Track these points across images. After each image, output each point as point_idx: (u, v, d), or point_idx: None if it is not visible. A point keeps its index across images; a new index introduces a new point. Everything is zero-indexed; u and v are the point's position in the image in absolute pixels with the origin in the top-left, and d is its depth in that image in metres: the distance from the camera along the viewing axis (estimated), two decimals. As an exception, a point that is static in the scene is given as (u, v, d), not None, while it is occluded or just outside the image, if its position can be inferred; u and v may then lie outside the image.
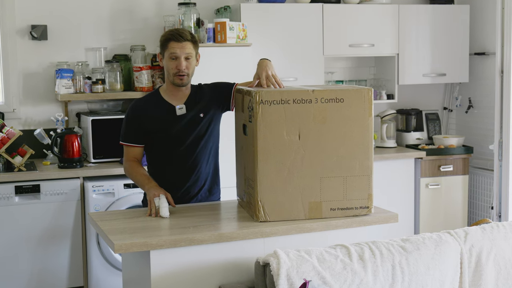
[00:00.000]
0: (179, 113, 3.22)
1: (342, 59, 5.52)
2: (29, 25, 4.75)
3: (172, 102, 3.24)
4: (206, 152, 3.29)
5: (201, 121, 3.25)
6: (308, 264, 2.55)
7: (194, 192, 3.30)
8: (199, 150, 3.26)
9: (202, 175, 3.30)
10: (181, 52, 3.13)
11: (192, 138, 3.24)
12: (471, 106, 5.64)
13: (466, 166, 5.34)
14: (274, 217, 2.87)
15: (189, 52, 3.15)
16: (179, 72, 3.14)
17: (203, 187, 3.32)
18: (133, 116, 3.26)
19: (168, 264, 2.68)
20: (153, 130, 3.23)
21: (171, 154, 3.25)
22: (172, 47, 3.13)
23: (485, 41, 5.47)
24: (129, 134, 3.27)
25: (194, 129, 3.24)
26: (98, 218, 3.03)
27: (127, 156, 3.29)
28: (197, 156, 3.26)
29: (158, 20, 4.96)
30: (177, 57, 3.13)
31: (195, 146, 3.25)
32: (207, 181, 3.33)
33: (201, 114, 3.25)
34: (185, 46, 3.13)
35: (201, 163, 3.28)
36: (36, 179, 4.26)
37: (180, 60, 3.13)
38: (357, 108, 2.88)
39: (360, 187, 2.92)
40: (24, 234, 4.24)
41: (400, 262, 2.68)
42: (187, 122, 3.23)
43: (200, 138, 3.26)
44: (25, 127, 4.78)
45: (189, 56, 3.15)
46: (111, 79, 4.72)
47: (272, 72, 3.08)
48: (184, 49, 3.13)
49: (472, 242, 2.83)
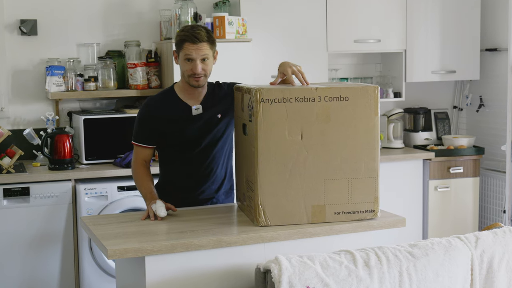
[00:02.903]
0: (195, 113, 3.20)
1: (347, 55, 5.52)
2: (18, 20, 4.75)
3: (187, 101, 3.22)
4: (222, 154, 3.29)
5: (218, 122, 3.24)
6: (311, 271, 2.55)
7: (211, 195, 3.31)
8: (215, 153, 3.26)
9: (218, 177, 3.31)
10: (196, 55, 3.08)
11: (209, 139, 3.23)
12: (482, 104, 5.64)
13: (477, 167, 5.34)
14: (276, 221, 2.87)
15: (205, 53, 3.10)
16: (195, 75, 3.12)
17: (220, 190, 3.33)
18: (148, 115, 3.23)
19: (164, 270, 2.68)
20: (168, 131, 3.21)
21: (186, 156, 3.25)
22: (188, 49, 3.08)
23: (497, 36, 5.48)
24: (141, 134, 3.26)
25: (211, 131, 3.23)
26: (91, 222, 3.03)
27: (137, 157, 3.28)
28: (214, 159, 3.26)
29: (154, 14, 4.96)
30: (192, 60, 3.10)
31: (212, 148, 3.24)
32: (223, 183, 3.34)
33: (218, 115, 3.23)
34: (201, 47, 3.08)
35: (217, 166, 3.28)
36: (26, 181, 4.26)
37: (195, 63, 3.09)
38: (363, 107, 2.88)
39: (366, 189, 2.92)
40: (13, 239, 4.24)
41: (407, 268, 2.68)
42: (203, 123, 3.21)
43: (217, 140, 3.25)
44: (14, 126, 4.79)
45: (205, 58, 3.10)
46: (104, 77, 4.73)
47: (298, 69, 3.04)
48: (200, 51, 3.08)
49: (483, 247, 2.83)
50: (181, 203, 3.18)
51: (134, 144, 3.28)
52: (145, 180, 3.23)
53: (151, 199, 3.10)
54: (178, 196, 3.22)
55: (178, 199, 3.19)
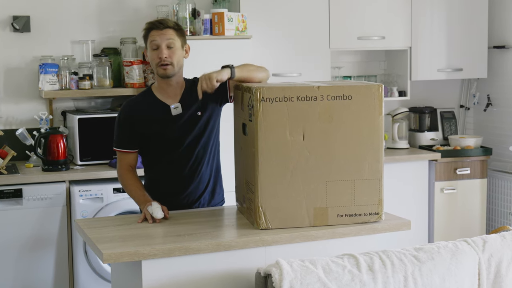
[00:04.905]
0: (175, 113, 3.21)
1: (350, 52, 5.52)
2: (11, 16, 4.76)
3: (165, 100, 3.24)
4: (206, 152, 3.30)
5: (199, 119, 3.25)
6: (313, 275, 2.55)
7: (196, 196, 3.31)
8: (198, 151, 3.26)
9: (204, 177, 3.31)
10: (161, 40, 3.15)
11: (191, 138, 3.24)
12: (490, 104, 5.65)
13: (485, 168, 5.34)
14: (276, 224, 2.88)
15: (170, 38, 3.16)
16: (161, 61, 3.15)
17: (206, 190, 3.33)
18: (125, 118, 3.26)
19: (161, 275, 2.69)
20: (148, 132, 3.22)
21: (169, 157, 3.26)
22: (152, 35, 3.17)
23: (505, 33, 5.48)
24: (122, 139, 3.27)
25: (193, 129, 3.24)
26: (86, 225, 3.03)
27: (121, 163, 3.29)
28: (197, 158, 3.27)
29: (151, 10, 4.96)
30: (158, 46, 3.15)
31: (194, 147, 3.25)
32: (209, 183, 3.34)
33: (198, 112, 3.24)
34: (166, 33, 3.16)
35: (201, 165, 3.29)
36: (18, 183, 4.26)
37: (161, 49, 3.15)
38: (366, 106, 2.88)
39: (370, 191, 2.92)
40: (5, 242, 4.24)
41: (413, 273, 2.68)
42: (184, 122, 3.23)
43: (199, 138, 3.26)
44: (6, 126, 4.79)
45: (171, 44, 3.16)
46: (100, 75, 4.73)
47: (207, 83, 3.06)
48: (164, 36, 3.15)
49: (491, 251, 2.83)
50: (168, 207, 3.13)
51: (117, 150, 3.30)
52: (134, 185, 3.24)
53: (145, 202, 3.11)
54: (164, 199, 3.17)
55: (164, 202, 3.14)
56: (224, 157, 3.47)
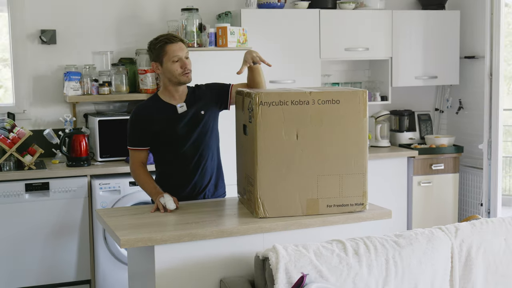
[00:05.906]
0: (180, 111, 3.23)
1: (338, 62, 5.52)
2: (39, 30, 4.75)
3: (172, 102, 3.25)
4: (210, 148, 3.30)
5: (202, 118, 3.26)
6: (306, 259, 2.55)
7: (202, 188, 3.31)
8: (203, 147, 3.27)
9: (208, 171, 3.31)
10: (181, 53, 3.19)
11: (196, 135, 3.25)
12: (461, 107, 5.64)
13: (457, 164, 5.34)
14: (273, 214, 2.87)
15: (186, 51, 3.21)
16: (185, 70, 3.17)
17: (210, 182, 3.33)
18: (137, 119, 3.26)
19: (171, 258, 2.68)
20: (158, 130, 3.23)
21: (177, 152, 3.26)
22: (172, 50, 3.17)
23: (475, 45, 5.47)
24: (134, 138, 3.27)
25: (197, 126, 3.25)
26: (105, 214, 3.03)
27: (134, 160, 3.29)
28: (203, 153, 3.27)
29: (162, 25, 4.95)
30: (179, 58, 3.17)
31: (200, 143, 3.26)
32: (212, 176, 3.34)
33: (202, 111, 3.26)
34: (182, 46, 3.20)
35: (206, 159, 3.29)
36: (45, 177, 4.25)
37: (183, 60, 3.18)
38: (353, 109, 2.87)
39: (355, 184, 2.91)
40: (33, 230, 4.24)
41: (393, 256, 2.68)
42: (189, 120, 3.24)
43: (204, 135, 3.27)
44: (35, 127, 4.78)
45: (187, 55, 3.22)
46: (117, 82, 4.72)
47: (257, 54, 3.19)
48: (183, 49, 3.20)
49: (462, 237, 2.83)
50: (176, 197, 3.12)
51: (130, 149, 3.30)
52: (146, 179, 3.24)
53: (157, 194, 3.10)
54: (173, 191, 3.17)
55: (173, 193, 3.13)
56: (227, 154, 3.47)
